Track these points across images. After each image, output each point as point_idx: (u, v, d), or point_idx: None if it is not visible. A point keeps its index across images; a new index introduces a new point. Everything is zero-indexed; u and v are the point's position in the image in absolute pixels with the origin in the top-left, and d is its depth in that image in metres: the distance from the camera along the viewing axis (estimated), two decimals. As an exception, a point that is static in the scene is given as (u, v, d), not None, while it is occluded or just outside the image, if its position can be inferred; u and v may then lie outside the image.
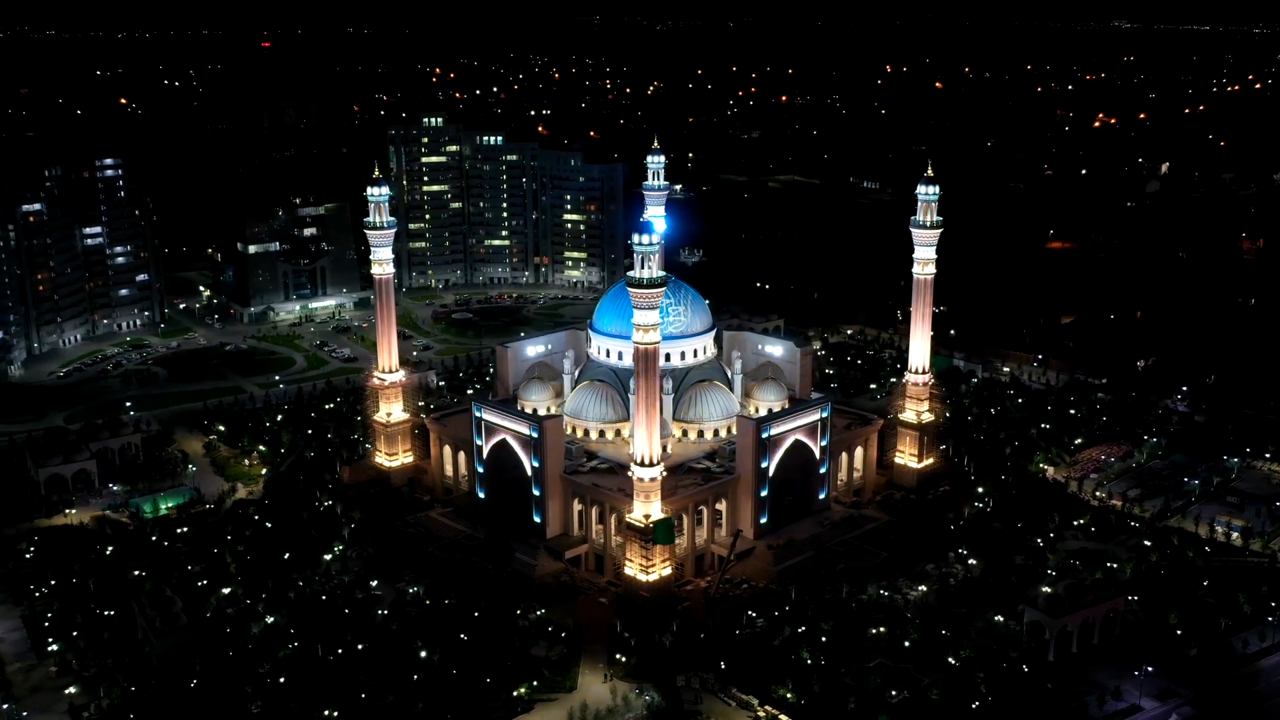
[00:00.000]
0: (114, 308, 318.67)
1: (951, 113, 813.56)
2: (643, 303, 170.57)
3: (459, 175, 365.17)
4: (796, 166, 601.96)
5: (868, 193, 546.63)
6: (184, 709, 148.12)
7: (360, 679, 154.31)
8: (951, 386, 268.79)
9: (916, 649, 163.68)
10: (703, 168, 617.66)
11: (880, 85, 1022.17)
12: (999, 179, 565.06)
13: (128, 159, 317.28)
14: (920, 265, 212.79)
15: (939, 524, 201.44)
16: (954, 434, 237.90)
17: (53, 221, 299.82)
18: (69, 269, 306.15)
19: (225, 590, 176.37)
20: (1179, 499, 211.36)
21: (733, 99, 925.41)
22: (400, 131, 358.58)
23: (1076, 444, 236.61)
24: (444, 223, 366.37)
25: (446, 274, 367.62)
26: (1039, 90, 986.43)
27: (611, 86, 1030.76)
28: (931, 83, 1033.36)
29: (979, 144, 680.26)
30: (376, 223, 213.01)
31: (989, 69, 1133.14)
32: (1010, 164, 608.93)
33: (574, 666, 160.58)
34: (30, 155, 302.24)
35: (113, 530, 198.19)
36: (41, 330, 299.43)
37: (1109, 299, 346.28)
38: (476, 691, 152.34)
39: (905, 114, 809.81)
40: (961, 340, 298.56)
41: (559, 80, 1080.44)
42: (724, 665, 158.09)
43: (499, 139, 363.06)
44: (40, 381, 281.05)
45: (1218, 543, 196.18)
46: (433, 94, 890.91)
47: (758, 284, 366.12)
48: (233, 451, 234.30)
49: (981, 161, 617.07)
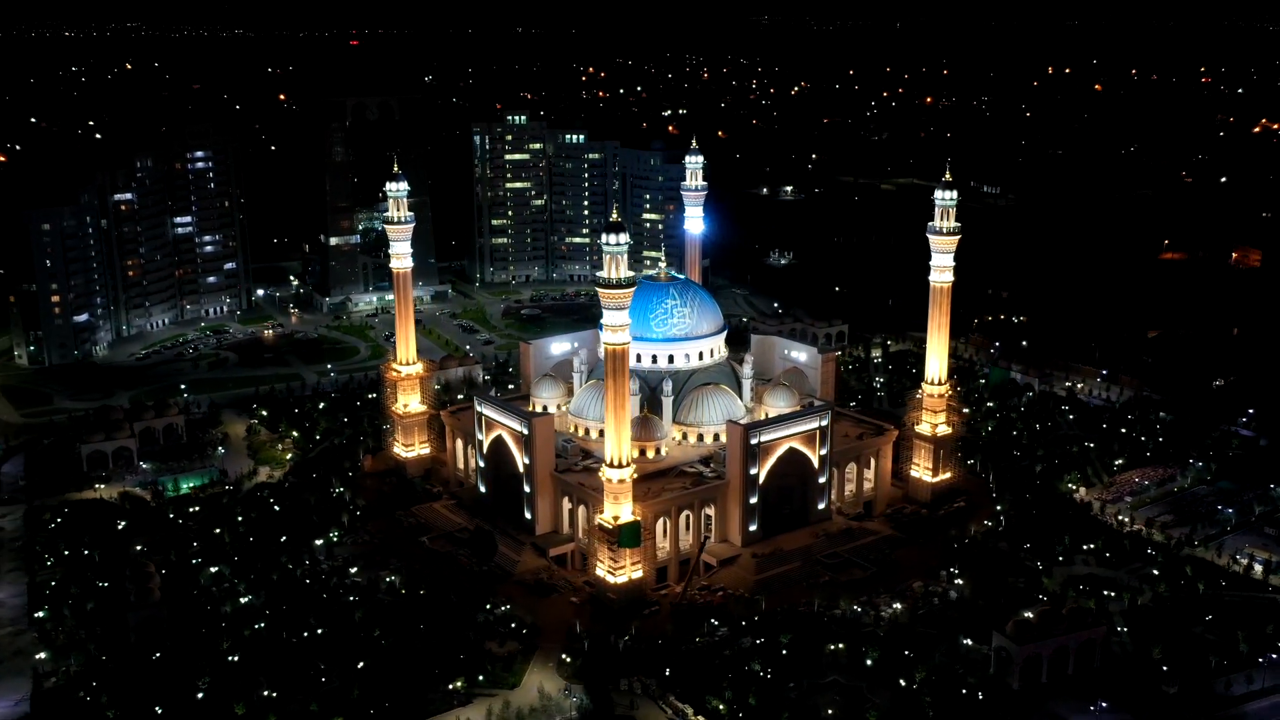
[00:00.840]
0: (201, 294, 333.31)
1: (1105, 116, 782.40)
2: (611, 303, 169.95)
3: (542, 173, 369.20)
4: (916, 170, 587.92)
5: (986, 198, 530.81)
6: (140, 681, 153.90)
7: (312, 663, 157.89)
8: (1003, 399, 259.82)
9: (877, 668, 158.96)
10: (822, 169, 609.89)
11: (1035, 87, 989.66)
12: (1130, 186, 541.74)
13: (219, 151, 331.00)
14: (937, 272, 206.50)
15: (942, 541, 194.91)
16: (983, 448, 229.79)
17: (143, 210, 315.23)
18: (159, 256, 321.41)
19: (214, 569, 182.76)
20: (1212, 527, 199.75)
21: (875, 100, 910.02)
22: (484, 128, 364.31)
23: (1118, 465, 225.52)
24: (526, 219, 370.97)
25: (527, 270, 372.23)
26: (1205, 93, 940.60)
27: (756, 86, 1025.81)
28: (1091, 85, 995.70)
29: (1122, 149, 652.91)
30: (395, 218, 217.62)
31: (1158, 71, 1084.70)
32: (1148, 170, 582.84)
33: (524, 664, 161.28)
34: (123, 146, 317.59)
35: (131, 506, 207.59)
36: (130, 314, 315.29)
37: (1209, 314, 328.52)
38: (418, 682, 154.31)
39: (1054, 117, 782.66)
40: (1030, 353, 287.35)
41: (706, 79, 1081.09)
42: (668, 672, 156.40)
43: (581, 137, 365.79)
44: (120, 362, 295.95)
45: (1237, 575, 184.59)
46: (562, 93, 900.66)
47: (836, 288, 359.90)
48: (271, 436, 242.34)
49: (1118, 167, 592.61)
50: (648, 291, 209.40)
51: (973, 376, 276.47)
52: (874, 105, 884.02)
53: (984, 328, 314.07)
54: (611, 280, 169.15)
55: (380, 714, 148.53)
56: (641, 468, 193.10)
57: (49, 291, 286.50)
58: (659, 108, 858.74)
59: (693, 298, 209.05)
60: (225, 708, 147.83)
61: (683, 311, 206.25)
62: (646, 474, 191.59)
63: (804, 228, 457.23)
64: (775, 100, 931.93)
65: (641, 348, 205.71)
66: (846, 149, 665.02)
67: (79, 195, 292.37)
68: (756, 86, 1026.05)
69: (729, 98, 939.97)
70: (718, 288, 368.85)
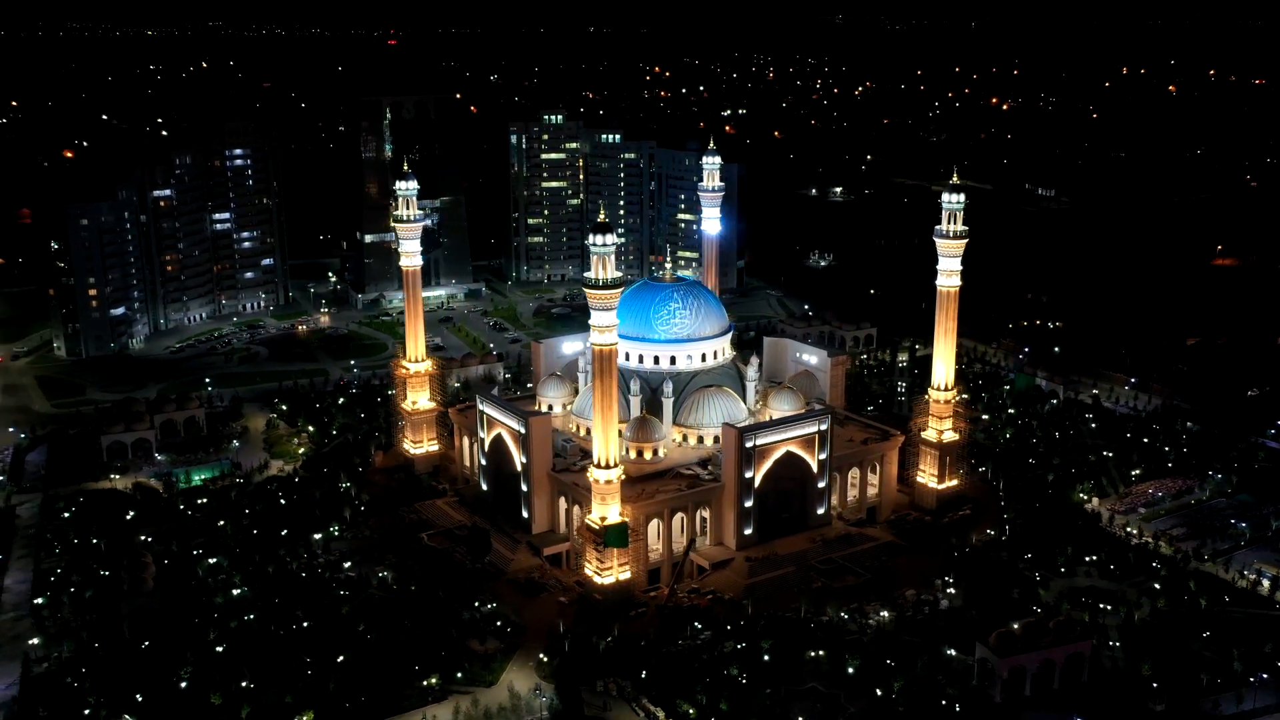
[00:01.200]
0: (239, 289, 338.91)
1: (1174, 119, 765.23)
2: (598, 304, 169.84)
3: (578, 172, 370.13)
4: (971, 171, 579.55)
5: (1041, 200, 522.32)
6: (126, 669, 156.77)
7: (296, 655, 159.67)
8: (1027, 406, 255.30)
9: (857, 677, 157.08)
10: (876, 170, 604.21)
11: (1107, 89, 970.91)
12: (1190, 190, 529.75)
13: (257, 149, 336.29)
14: (944, 276, 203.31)
15: (942, 549, 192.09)
16: (997, 456, 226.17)
17: (182, 206, 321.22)
18: (197, 251, 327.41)
19: (212, 560, 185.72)
20: (1226, 541, 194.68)
21: (940, 101, 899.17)
22: (520, 127, 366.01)
23: (1134, 475, 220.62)
24: (561, 219, 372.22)
25: (562, 269, 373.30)
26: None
27: (820, 86, 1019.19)
28: (1164, 87, 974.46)
29: (1187, 152, 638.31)
30: (404, 216, 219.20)
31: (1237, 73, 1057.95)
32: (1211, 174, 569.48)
33: (503, 662, 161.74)
34: (162, 144, 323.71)
35: (142, 496, 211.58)
36: (168, 307, 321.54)
37: (1253, 322, 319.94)
38: (395, 677, 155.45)
39: (1121, 119, 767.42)
40: (1061, 359, 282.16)
41: (771, 79, 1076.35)
42: (644, 674, 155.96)
43: (617, 137, 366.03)
44: (155, 355, 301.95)
45: (1243, 591, 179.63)
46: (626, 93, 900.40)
47: (871, 290, 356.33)
48: (289, 430, 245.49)
49: (1181, 171, 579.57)
50: (650, 292, 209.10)
51: (998, 382, 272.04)
52: (937, 106, 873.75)
53: (1017, 333, 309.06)
54: (598, 281, 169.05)
55: (354, 708, 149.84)
56: (638, 469, 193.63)
57: (86, 285, 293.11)
58: (719, 108, 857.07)
59: (696, 299, 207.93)
60: (204, 697, 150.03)
61: (685, 313, 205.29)
62: (643, 475, 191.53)
63: (849, 229, 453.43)
64: (838, 101, 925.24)
65: (643, 349, 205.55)
66: (903, 150, 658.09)
67: (117, 191, 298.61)
68: (821, 86, 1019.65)
69: (790, 98, 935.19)
70: (751, 289, 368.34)
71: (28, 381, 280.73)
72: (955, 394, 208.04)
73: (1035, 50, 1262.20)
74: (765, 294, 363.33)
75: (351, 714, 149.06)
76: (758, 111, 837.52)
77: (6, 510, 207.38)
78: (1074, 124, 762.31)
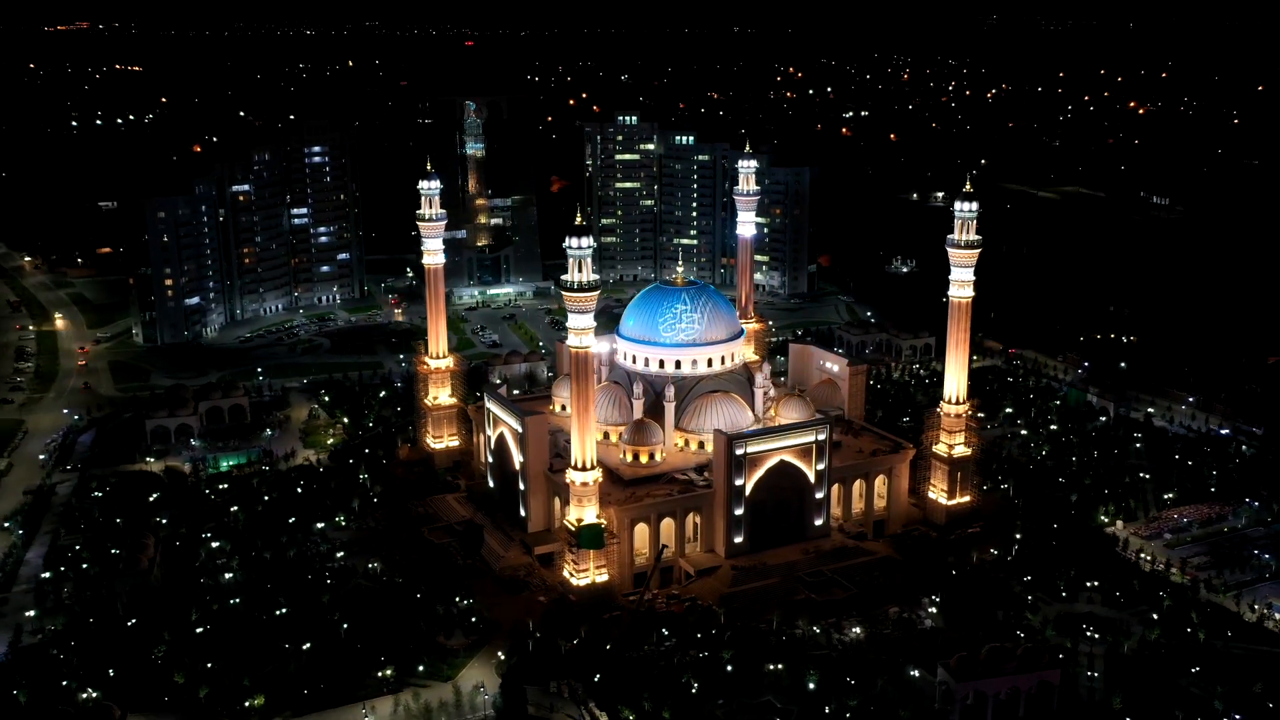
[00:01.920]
0: (315, 282, 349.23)
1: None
2: (575, 306, 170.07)
3: (652, 173, 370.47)
4: (1086, 178, 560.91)
5: (1154, 209, 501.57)
6: (109, 645, 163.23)
7: (270, 640, 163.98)
8: (1074, 423, 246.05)
9: (816, 693, 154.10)
10: (986, 175, 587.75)
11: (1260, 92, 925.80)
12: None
13: (335, 146, 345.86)
14: (956, 287, 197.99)
15: (940, 567, 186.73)
16: (1022, 473, 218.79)
17: (260, 201, 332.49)
18: (274, 245, 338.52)
19: (216, 544, 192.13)
20: (1249, 573, 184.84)
21: (1074, 104, 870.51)
22: (596, 128, 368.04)
23: (1168, 499, 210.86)
24: (635, 219, 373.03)
25: (634, 270, 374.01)
26: None
27: (953, 88, 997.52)
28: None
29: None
30: (427, 215, 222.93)
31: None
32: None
33: (467, 658, 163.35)
34: (242, 140, 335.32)
35: (170, 480, 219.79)
36: (244, 298, 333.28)
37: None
38: (356, 668, 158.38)
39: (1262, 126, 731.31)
40: (1124, 375, 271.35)
41: (905, 80, 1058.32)
42: (597, 678, 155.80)
43: (690, 139, 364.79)
44: (226, 344, 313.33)
45: (1252, 626, 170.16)
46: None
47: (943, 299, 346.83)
48: (328, 421, 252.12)
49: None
50: (659, 296, 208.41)
51: (1050, 396, 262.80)
52: (1069, 110, 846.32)
53: (1087, 346, 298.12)
54: (574, 284, 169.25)
55: (309, 695, 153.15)
56: (633, 471, 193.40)
57: (162, 275, 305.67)
58: (841, 109, 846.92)
59: (705, 303, 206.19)
60: (169, 675, 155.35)
61: (692, 317, 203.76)
62: (637, 479, 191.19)
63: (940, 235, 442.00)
64: (966, 103, 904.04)
65: (649, 352, 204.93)
66: (1018, 155, 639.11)
67: (194, 185, 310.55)
68: (952, 89, 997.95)
69: (918, 100, 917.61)
70: (823, 294, 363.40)
71: (102, 366, 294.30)
72: (968, 408, 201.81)
73: (1190, 52, 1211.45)
74: (836, 299, 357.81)
75: (304, 700, 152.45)
76: (880, 114, 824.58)
77: (46, 488, 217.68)
78: (1210, 130, 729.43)
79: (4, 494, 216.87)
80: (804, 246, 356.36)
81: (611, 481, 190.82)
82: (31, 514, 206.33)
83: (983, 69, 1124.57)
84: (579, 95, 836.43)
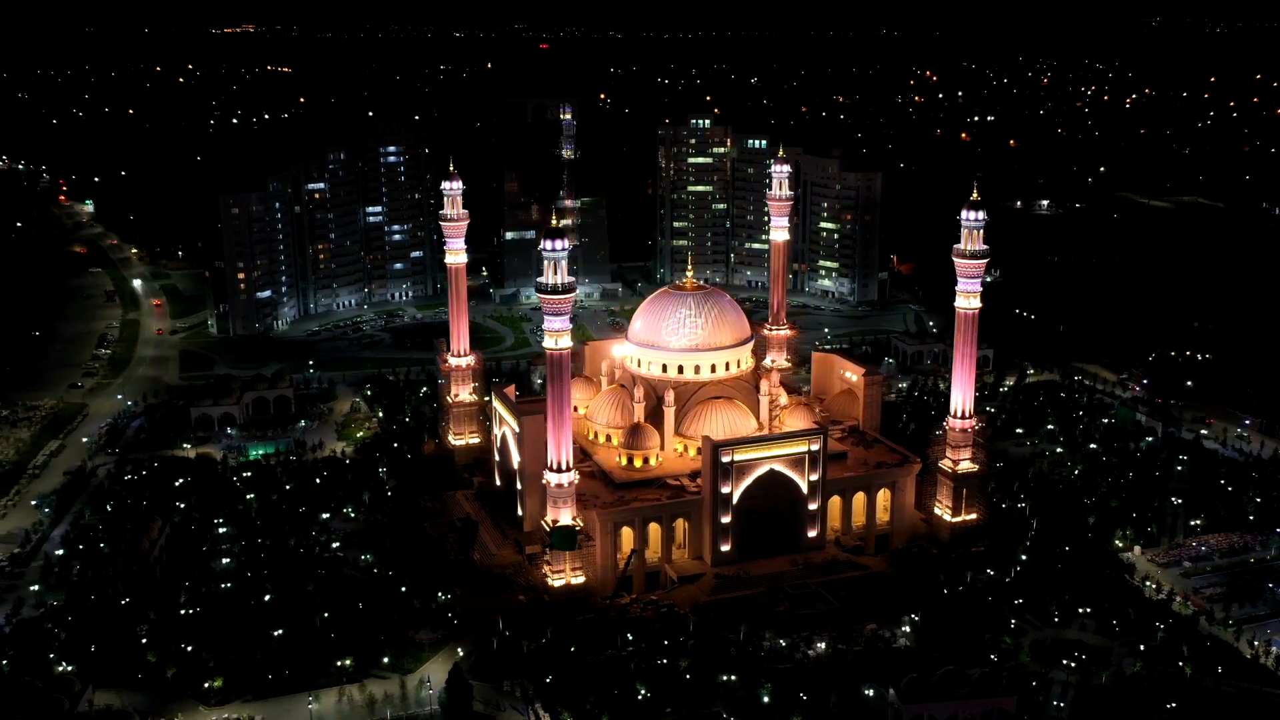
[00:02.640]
0: (388, 279, 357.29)
1: None
2: (551, 309, 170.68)
3: (725, 176, 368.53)
4: (1205, 187, 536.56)
5: (1272, 221, 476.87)
6: (98, 623, 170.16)
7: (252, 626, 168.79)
8: (1119, 442, 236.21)
9: (769, 707, 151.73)
10: (1104, 183, 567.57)
11: None
12: None
13: (410, 146, 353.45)
14: (963, 298, 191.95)
15: (932, 585, 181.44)
16: (1043, 492, 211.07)
17: (335, 199, 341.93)
18: (348, 241, 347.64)
19: (223, 529, 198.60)
20: (1264, 607, 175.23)
21: (1218, 111, 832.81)
22: (668, 130, 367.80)
23: (1194, 525, 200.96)
24: (707, 223, 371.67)
25: (705, 274, 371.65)
26: None
27: (1091, 93, 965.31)
28: None
29: None
30: (450, 215, 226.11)
31: None
32: None
33: (431, 653, 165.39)
34: (318, 140, 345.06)
35: (201, 465, 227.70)
36: (318, 293, 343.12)
37: None
38: (319, 657, 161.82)
39: None
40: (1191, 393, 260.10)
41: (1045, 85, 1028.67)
42: (549, 679, 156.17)
43: (763, 142, 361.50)
44: (294, 337, 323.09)
45: (1248, 663, 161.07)
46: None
47: (1017, 310, 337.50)
48: (369, 414, 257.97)
49: None
50: (665, 300, 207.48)
51: (1101, 413, 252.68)
52: (1210, 116, 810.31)
53: (1160, 363, 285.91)
54: (550, 286, 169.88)
55: (271, 680, 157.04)
56: (627, 475, 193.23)
57: (235, 269, 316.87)
58: (967, 114, 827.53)
59: (711, 308, 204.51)
60: (142, 654, 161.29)
61: (697, 322, 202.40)
62: (629, 482, 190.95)
63: (1034, 244, 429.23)
64: (1103, 108, 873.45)
65: (653, 355, 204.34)
66: (1141, 163, 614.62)
67: (267, 183, 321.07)
68: (1091, 93, 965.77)
69: (1050, 104, 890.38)
70: (895, 302, 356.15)
71: (172, 355, 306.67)
72: (975, 423, 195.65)
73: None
74: (906, 308, 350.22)
75: (266, 685, 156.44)
76: (1006, 119, 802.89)
77: (87, 471, 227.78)
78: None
79: (49, 474, 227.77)
80: (874, 253, 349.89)
81: (604, 484, 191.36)
82: (66, 494, 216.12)
83: (1130, 73, 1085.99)
84: (658, 97, 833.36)
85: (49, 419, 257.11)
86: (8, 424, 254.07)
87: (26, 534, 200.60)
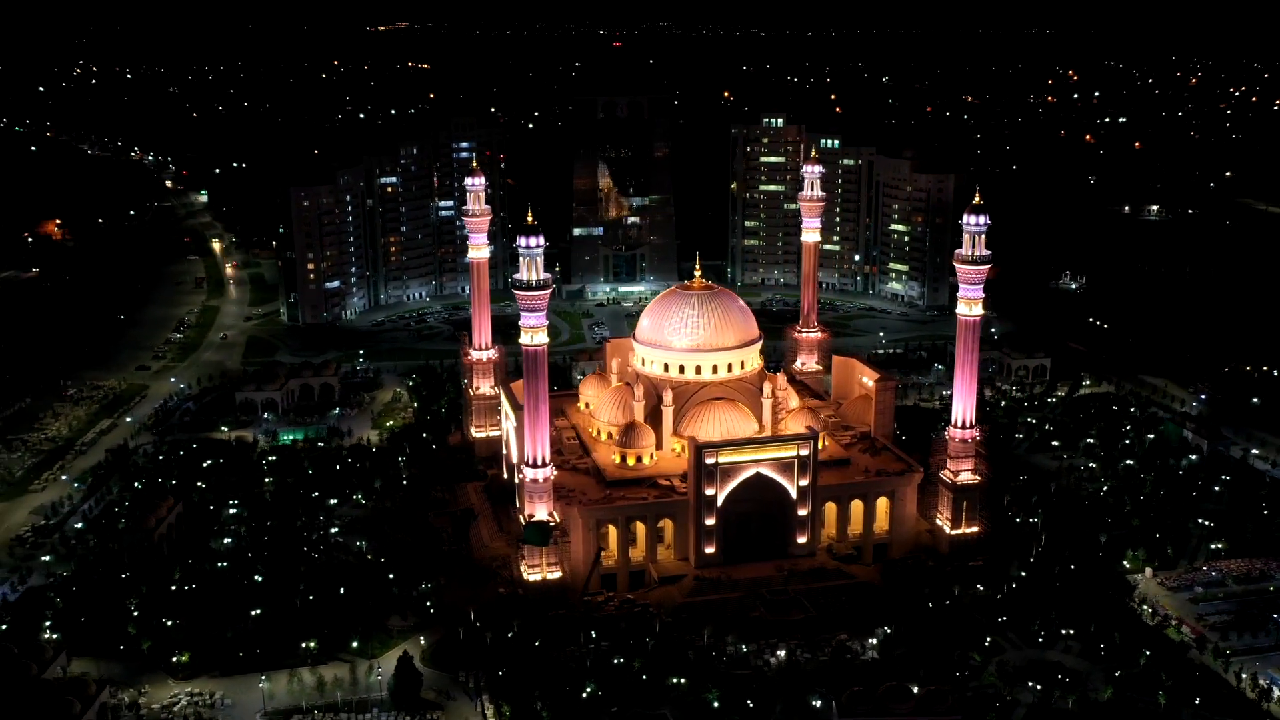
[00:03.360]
0: (459, 272, 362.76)
1: None
2: (526, 305, 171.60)
3: (797, 176, 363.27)
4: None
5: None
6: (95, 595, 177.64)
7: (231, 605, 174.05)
8: (1160, 458, 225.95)
9: (716, 711, 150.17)
10: (1226, 189, 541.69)
11: None
12: None
13: (481, 142, 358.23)
14: (964, 305, 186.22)
15: (918, 598, 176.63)
16: (1058, 508, 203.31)
17: (406, 193, 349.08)
18: (419, 235, 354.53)
19: (232, 510, 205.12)
20: (1267, 638, 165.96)
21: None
22: (740, 129, 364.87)
23: (1215, 548, 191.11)
24: (778, 223, 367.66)
25: (775, 274, 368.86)
26: None
27: (1239, 95, 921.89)
28: None
29: None
30: (473, 210, 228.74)
31: None
32: None
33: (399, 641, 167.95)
34: (390, 135, 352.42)
35: (234, 448, 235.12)
36: (388, 285, 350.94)
37: None
38: (289, 639, 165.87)
39: None
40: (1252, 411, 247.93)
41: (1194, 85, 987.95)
42: (501, 672, 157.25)
43: (836, 142, 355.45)
44: (360, 327, 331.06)
45: (1237, 696, 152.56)
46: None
47: (1090, 318, 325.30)
48: (409, 404, 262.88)
49: None
50: (671, 299, 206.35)
51: (1150, 428, 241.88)
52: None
53: (1229, 377, 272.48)
54: (526, 282, 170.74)
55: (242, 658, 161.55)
56: (619, 473, 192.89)
57: (305, 259, 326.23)
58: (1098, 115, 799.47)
59: (716, 309, 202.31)
60: (123, 627, 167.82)
61: (699, 322, 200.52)
62: (620, 480, 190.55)
63: (1132, 250, 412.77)
64: (1247, 111, 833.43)
65: (655, 354, 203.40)
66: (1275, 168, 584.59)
67: (336, 176, 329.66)
68: (1238, 95, 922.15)
69: (1190, 106, 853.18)
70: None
71: (240, 341, 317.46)
72: (977, 433, 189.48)
73: None
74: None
75: (234, 662, 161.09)
76: (1137, 121, 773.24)
77: (129, 449, 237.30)
78: None
79: (94, 452, 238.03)
80: (946, 257, 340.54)
81: (595, 481, 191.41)
82: (105, 472, 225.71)
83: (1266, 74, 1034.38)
84: (733, 96, 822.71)
85: (109, 399, 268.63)
86: (71, 402, 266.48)
87: (54, 507, 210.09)
